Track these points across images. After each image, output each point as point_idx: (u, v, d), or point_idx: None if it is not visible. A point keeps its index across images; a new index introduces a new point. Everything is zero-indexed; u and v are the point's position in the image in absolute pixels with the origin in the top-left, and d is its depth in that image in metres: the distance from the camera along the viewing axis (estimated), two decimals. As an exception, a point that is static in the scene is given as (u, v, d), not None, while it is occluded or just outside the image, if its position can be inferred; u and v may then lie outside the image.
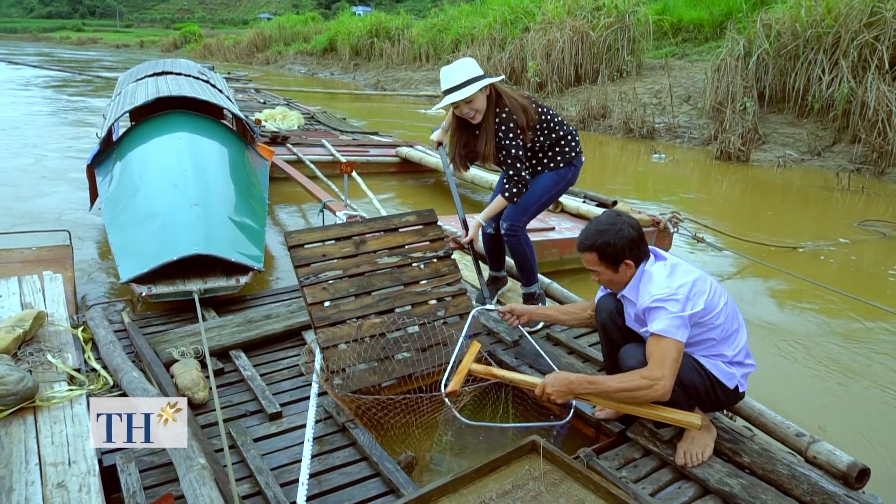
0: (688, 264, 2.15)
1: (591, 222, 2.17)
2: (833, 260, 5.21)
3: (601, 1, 13.62)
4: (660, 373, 1.93)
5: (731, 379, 2.11)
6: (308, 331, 2.98)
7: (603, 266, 2.13)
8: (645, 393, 1.95)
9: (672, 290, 1.99)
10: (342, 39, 26.99)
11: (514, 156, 2.90)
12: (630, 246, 2.09)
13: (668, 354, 1.94)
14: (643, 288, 2.08)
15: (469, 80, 2.79)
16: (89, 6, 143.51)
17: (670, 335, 1.95)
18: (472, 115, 2.89)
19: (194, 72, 6.54)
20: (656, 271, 2.07)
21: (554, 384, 2.08)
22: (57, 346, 2.68)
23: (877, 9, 8.74)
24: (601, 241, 2.09)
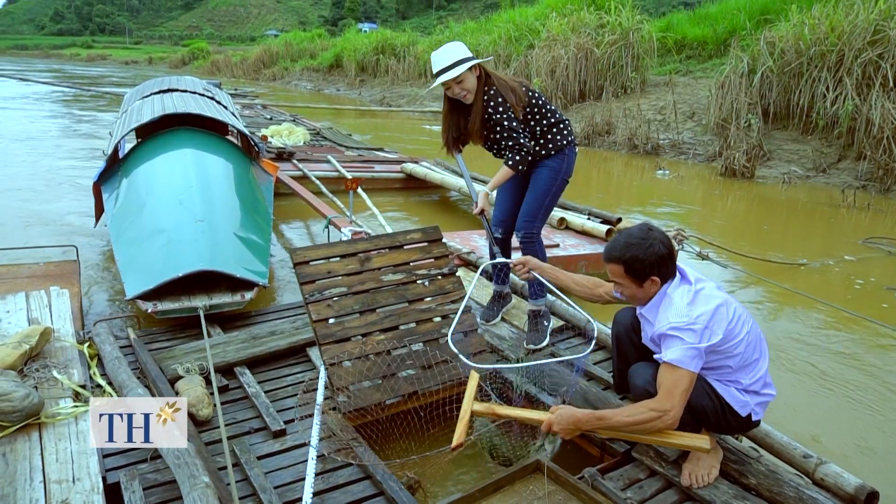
0: (714, 288, 2.08)
1: (622, 234, 2.12)
2: (837, 277, 5.19)
3: (605, 19, 13.74)
4: (669, 404, 1.92)
5: (744, 407, 2.08)
6: (313, 347, 2.99)
7: (628, 280, 2.09)
8: (653, 425, 1.94)
9: (691, 320, 1.95)
10: (348, 56, 27.26)
11: (508, 127, 2.94)
12: (658, 263, 2.04)
13: (679, 386, 1.92)
14: (662, 312, 2.04)
15: (458, 62, 2.87)
16: (99, 23, 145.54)
17: (684, 366, 1.92)
18: (464, 95, 2.95)
19: (200, 89, 6.61)
20: (678, 297, 2.02)
21: (560, 422, 2.04)
22: (63, 362, 2.69)
23: (880, 27, 8.78)
24: (629, 255, 2.04)
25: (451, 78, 2.86)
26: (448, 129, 3.17)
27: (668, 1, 67.65)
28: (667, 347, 1.97)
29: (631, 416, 1.97)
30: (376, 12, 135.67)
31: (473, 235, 4.70)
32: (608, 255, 2.12)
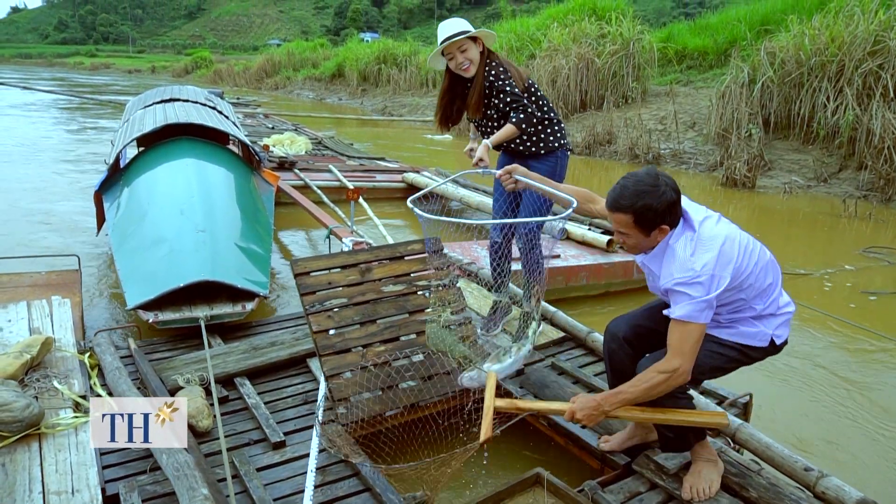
0: (715, 224, 1.96)
1: (629, 179, 1.93)
2: (838, 287, 5.18)
3: (606, 29, 13.81)
4: (678, 361, 1.88)
5: (761, 337, 2.03)
6: (313, 358, 2.98)
7: (636, 230, 1.94)
8: (668, 385, 1.92)
9: (696, 273, 1.86)
10: (350, 65, 27.39)
11: (511, 92, 2.94)
12: (669, 210, 1.89)
13: (687, 341, 1.88)
14: (665, 266, 1.95)
15: (464, 32, 2.93)
16: (103, 32, 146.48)
17: (692, 321, 1.87)
18: (466, 67, 2.97)
19: (201, 98, 6.64)
20: (680, 249, 1.91)
21: (582, 407, 2.00)
22: (63, 372, 2.69)
23: (880, 38, 8.81)
24: (641, 204, 1.88)
25: (455, 42, 2.90)
26: (446, 106, 3.20)
27: (669, 11, 67.93)
28: (674, 304, 1.91)
29: (644, 383, 1.93)
30: (378, 22, 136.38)
31: (475, 246, 4.70)
32: (616, 204, 1.93)
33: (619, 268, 4.60)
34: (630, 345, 2.20)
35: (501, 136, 2.97)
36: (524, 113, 2.94)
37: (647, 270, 2.11)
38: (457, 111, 3.20)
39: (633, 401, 1.97)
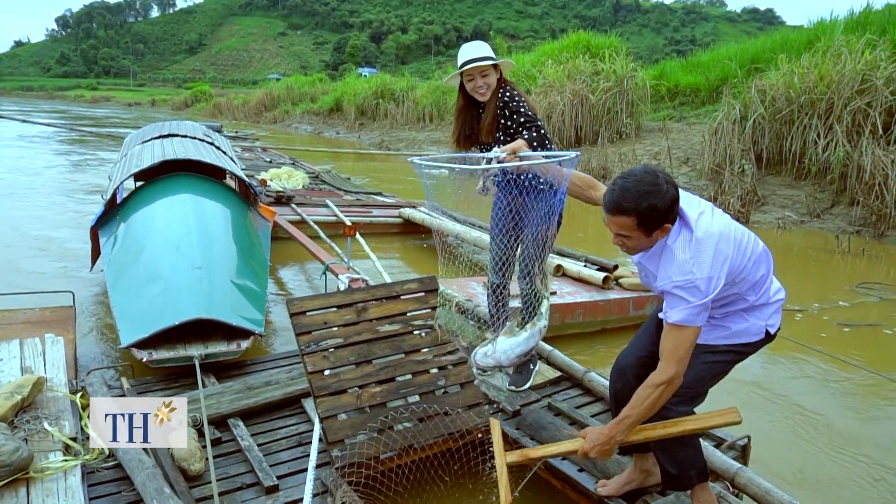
0: (710, 218, 1.93)
1: (628, 180, 1.85)
2: (829, 323, 5.19)
3: (600, 66, 14.08)
4: (672, 369, 1.87)
5: (751, 331, 2.02)
6: (307, 399, 2.96)
7: (638, 232, 1.87)
8: (666, 396, 1.91)
9: (693, 276, 1.82)
10: (348, 100, 27.75)
11: (525, 113, 2.97)
12: (671, 208, 1.84)
13: (681, 347, 1.86)
14: (663, 267, 1.91)
15: (487, 57, 2.99)
16: (105, 66, 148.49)
17: (689, 324, 1.84)
18: (484, 91, 3.02)
19: (199, 134, 6.70)
20: (679, 250, 1.87)
21: (593, 444, 1.99)
22: (54, 413, 2.65)
23: (867, 77, 9.01)
24: (646, 205, 1.80)
25: (478, 66, 2.95)
26: (461, 125, 3.24)
27: (661, 48, 69.11)
28: (670, 307, 1.87)
29: (646, 400, 1.91)
30: (376, 57, 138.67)
31: (471, 283, 4.70)
32: (617, 207, 1.85)
33: (615, 305, 4.60)
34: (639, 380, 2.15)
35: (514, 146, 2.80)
36: (538, 132, 2.92)
37: (642, 269, 2.08)
38: (472, 133, 3.24)
39: (640, 421, 1.96)
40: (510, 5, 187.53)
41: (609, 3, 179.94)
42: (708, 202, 2.01)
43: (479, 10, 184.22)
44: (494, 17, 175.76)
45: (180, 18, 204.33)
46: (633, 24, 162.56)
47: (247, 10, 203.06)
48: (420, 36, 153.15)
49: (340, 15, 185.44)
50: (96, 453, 2.46)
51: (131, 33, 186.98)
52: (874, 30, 10.27)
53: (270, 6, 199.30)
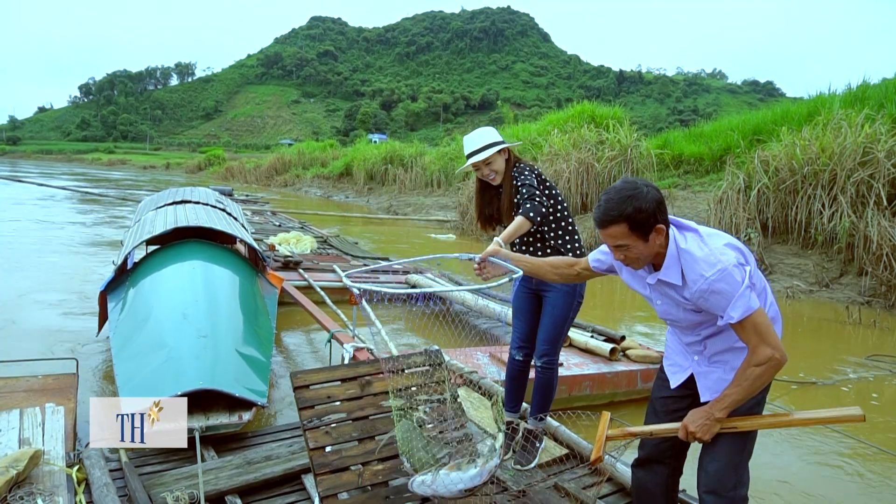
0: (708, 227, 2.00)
1: (609, 193, 1.91)
2: (844, 395, 5.07)
3: (604, 136, 14.40)
4: (767, 350, 1.81)
5: None
6: (308, 474, 2.89)
7: (633, 238, 1.88)
8: (769, 376, 1.86)
9: (723, 264, 1.82)
10: (358, 165, 28.37)
11: (529, 184, 2.95)
12: (658, 207, 1.87)
13: (759, 328, 1.82)
14: (688, 270, 1.89)
15: (489, 145, 3.02)
16: (123, 131, 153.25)
17: (750, 312, 1.82)
18: (493, 178, 3.07)
19: (212, 200, 6.84)
20: (696, 248, 1.88)
21: (694, 420, 1.94)
22: (49, 489, 2.59)
23: (868, 149, 9.15)
24: (632, 209, 1.84)
25: (481, 160, 3.00)
26: (481, 208, 3.27)
27: (665, 117, 70.80)
28: (722, 307, 1.85)
29: (746, 381, 1.86)
30: (386, 124, 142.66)
31: (476, 353, 4.66)
32: (607, 217, 1.89)
33: (623, 377, 4.53)
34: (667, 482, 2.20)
35: (512, 229, 2.84)
36: (532, 202, 2.86)
37: (659, 292, 2.04)
38: (493, 214, 3.24)
39: (741, 401, 1.90)
40: (517, 76, 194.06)
41: (612, 74, 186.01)
42: None
43: (487, 80, 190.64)
44: (501, 87, 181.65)
45: (198, 87, 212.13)
46: (636, 94, 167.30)
47: (263, 79, 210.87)
48: (429, 104, 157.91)
49: (352, 84, 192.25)
50: (89, 532, 2.38)
51: (150, 100, 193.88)
52: (872, 104, 10.52)
53: (285, 76, 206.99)
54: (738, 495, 2.01)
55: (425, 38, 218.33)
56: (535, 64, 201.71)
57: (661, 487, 2.22)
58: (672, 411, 2.15)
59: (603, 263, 2.28)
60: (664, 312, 2.10)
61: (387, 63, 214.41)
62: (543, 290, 3.08)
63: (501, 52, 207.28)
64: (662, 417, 2.17)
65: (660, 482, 2.22)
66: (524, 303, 3.17)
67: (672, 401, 2.18)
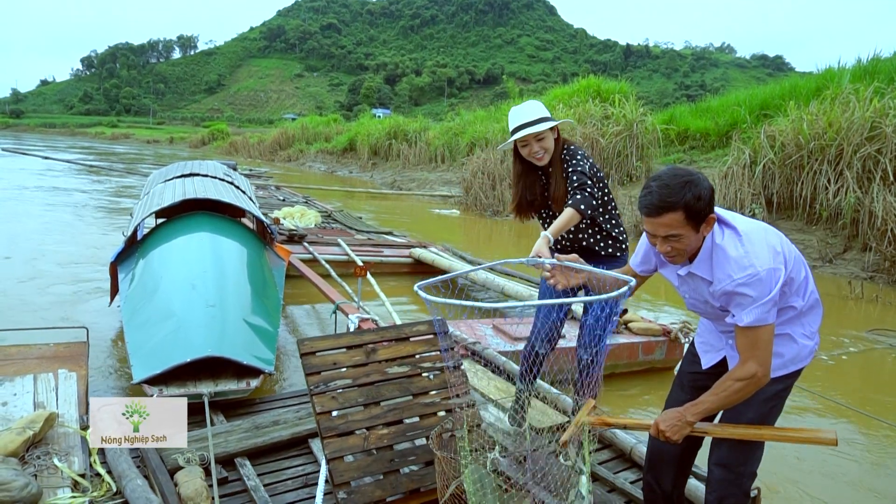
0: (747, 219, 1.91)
1: (664, 178, 1.78)
2: (843, 371, 5.13)
3: (610, 110, 14.29)
4: (754, 366, 1.79)
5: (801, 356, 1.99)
6: (315, 439, 2.97)
7: (688, 227, 1.77)
8: (747, 392, 1.84)
9: (755, 269, 1.75)
10: (362, 140, 28.26)
11: (581, 171, 2.73)
12: (712, 196, 1.78)
13: (758, 344, 1.79)
14: (718, 268, 1.83)
15: (541, 119, 2.76)
16: (126, 105, 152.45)
17: (762, 323, 1.77)
18: (541, 156, 2.80)
19: (220, 173, 6.85)
20: (731, 247, 1.81)
21: (666, 419, 1.92)
22: (64, 450, 2.67)
23: (876, 124, 9.08)
24: (691, 195, 1.73)
25: (532, 133, 2.73)
26: (522, 191, 2.95)
27: (672, 93, 70.06)
28: (738, 310, 1.80)
29: (723, 392, 1.84)
30: (390, 99, 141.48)
31: (480, 324, 4.71)
32: (663, 204, 1.76)
33: (624, 349, 4.59)
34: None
35: (562, 223, 2.60)
36: (582, 193, 2.65)
37: (689, 285, 1.99)
38: (536, 200, 2.94)
39: (714, 410, 1.90)
40: (522, 50, 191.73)
41: (619, 48, 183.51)
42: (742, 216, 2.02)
43: (492, 54, 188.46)
44: (507, 62, 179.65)
45: (201, 60, 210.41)
46: (643, 69, 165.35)
47: (265, 52, 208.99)
48: (433, 78, 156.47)
49: (356, 58, 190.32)
50: (104, 489, 2.47)
51: (153, 73, 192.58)
52: (882, 78, 10.41)
53: (288, 49, 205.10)
54: (747, 471, 2.03)
55: (430, 12, 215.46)
56: (540, 38, 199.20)
57: (675, 459, 2.23)
58: (700, 388, 2.10)
59: (647, 265, 2.20)
60: (692, 305, 2.08)
61: (391, 37, 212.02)
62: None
63: (507, 25, 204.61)
64: (689, 392, 2.15)
65: (676, 453, 2.21)
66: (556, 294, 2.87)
67: (702, 377, 2.16)
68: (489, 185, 14.84)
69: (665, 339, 4.68)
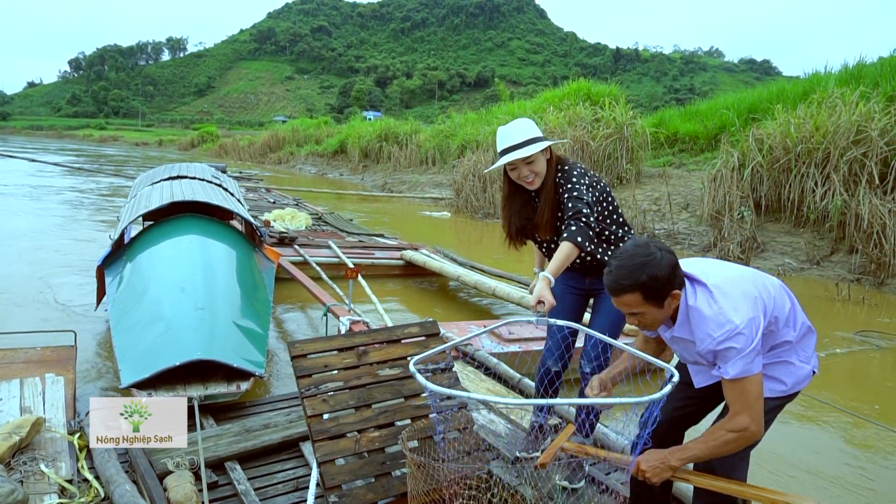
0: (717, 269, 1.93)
1: (621, 258, 1.83)
2: (828, 371, 5.18)
3: (600, 113, 14.36)
4: (745, 419, 1.79)
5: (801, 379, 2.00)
6: (305, 442, 2.95)
7: (649, 305, 1.82)
8: (738, 445, 1.83)
9: (733, 325, 1.76)
10: (352, 142, 28.23)
11: (577, 196, 2.50)
12: (673, 273, 1.79)
13: (748, 396, 1.79)
14: (697, 329, 1.84)
15: (531, 140, 2.52)
16: (114, 107, 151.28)
17: (747, 374, 1.78)
18: (531, 180, 2.57)
19: (208, 176, 6.82)
20: (704, 306, 1.82)
21: (649, 461, 1.89)
22: (52, 455, 2.64)
23: (862, 127, 9.18)
24: (646, 277, 1.77)
25: (521, 157, 2.51)
26: (510, 217, 2.74)
27: (661, 96, 70.66)
28: (723, 361, 1.81)
29: (713, 441, 1.83)
30: (381, 101, 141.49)
31: (471, 326, 4.72)
32: (618, 286, 1.81)
33: (615, 350, 4.59)
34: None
35: (560, 260, 2.39)
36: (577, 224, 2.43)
37: (676, 342, 1.99)
38: (527, 223, 2.72)
39: (701, 458, 1.88)
40: (513, 53, 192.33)
41: (609, 52, 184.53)
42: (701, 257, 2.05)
43: (483, 57, 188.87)
44: (497, 65, 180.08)
45: (190, 62, 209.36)
46: (632, 72, 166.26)
47: (255, 54, 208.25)
48: (424, 81, 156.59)
49: (346, 60, 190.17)
50: (91, 495, 2.44)
51: (142, 76, 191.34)
52: (867, 82, 10.53)
53: (278, 51, 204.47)
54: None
55: (420, 14, 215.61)
56: (531, 41, 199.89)
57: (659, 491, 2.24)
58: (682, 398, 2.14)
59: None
60: (682, 357, 2.09)
61: (381, 39, 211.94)
62: (600, 288, 2.69)
63: (497, 28, 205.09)
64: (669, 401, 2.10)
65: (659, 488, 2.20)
66: (569, 304, 2.76)
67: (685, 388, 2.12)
68: (480, 188, 14.86)
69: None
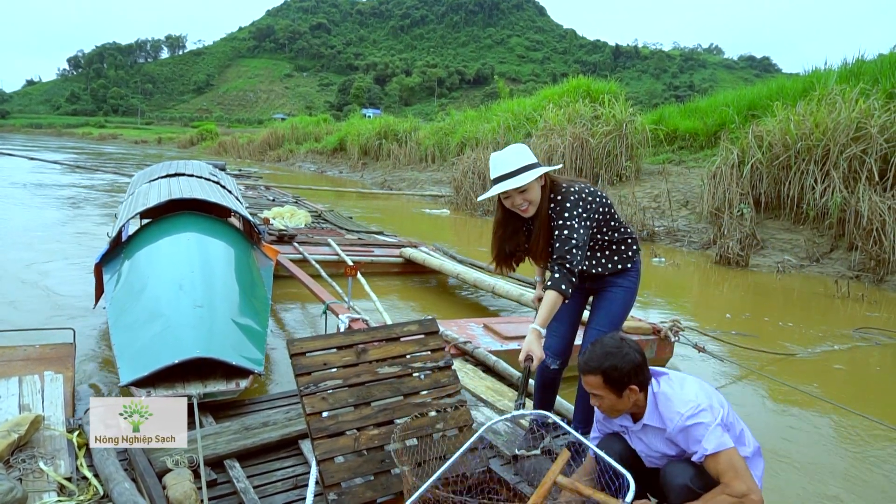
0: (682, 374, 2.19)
1: (596, 345, 2.12)
2: (828, 368, 5.18)
3: (600, 110, 14.35)
4: (744, 486, 1.87)
5: None
6: (305, 440, 2.95)
7: (607, 390, 2.08)
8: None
9: (696, 402, 2.00)
10: (352, 140, 28.21)
11: (565, 236, 2.46)
12: (635, 371, 2.06)
13: (736, 465, 1.91)
14: (666, 411, 2.05)
15: (524, 168, 2.49)
16: (113, 105, 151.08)
17: (725, 447, 1.93)
18: (525, 208, 2.55)
19: (206, 173, 6.80)
20: (669, 389, 2.08)
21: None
22: (50, 452, 2.64)
23: (862, 124, 9.17)
24: (608, 365, 2.05)
25: (515, 188, 2.48)
26: (501, 242, 2.73)
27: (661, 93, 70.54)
28: (698, 440, 1.96)
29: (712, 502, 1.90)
30: (380, 99, 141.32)
31: (471, 324, 4.71)
32: (586, 367, 2.10)
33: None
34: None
35: (548, 310, 2.43)
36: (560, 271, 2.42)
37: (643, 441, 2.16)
38: (518, 249, 2.72)
39: None
40: (512, 50, 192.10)
41: (609, 49, 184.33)
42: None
43: (482, 54, 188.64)
44: (497, 62, 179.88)
45: (189, 60, 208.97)
46: (632, 69, 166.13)
47: (254, 52, 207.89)
48: (423, 78, 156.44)
49: (346, 58, 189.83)
50: (90, 493, 2.44)
51: (141, 73, 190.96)
52: (867, 79, 10.51)
53: (278, 49, 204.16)
54: None
55: (420, 12, 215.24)
56: (530, 38, 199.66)
57: None
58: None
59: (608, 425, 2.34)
60: (649, 462, 2.21)
61: (381, 37, 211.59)
62: (600, 287, 2.74)
63: (496, 25, 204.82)
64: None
65: None
66: (569, 304, 2.72)
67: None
68: (479, 185, 14.85)
69: (655, 338, 4.70)
